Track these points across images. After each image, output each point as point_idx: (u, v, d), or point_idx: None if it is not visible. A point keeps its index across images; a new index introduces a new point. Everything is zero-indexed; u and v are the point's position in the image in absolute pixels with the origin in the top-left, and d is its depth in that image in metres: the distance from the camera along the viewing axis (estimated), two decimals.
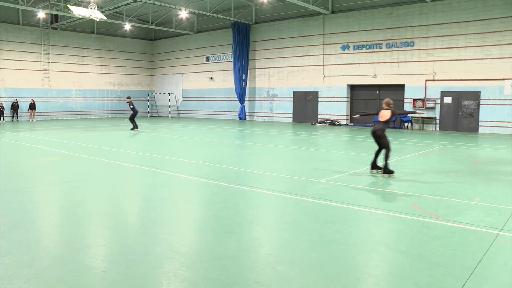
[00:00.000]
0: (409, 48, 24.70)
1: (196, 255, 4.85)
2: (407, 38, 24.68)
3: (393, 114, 9.74)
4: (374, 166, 9.97)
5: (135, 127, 23.04)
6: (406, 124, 24.91)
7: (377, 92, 26.81)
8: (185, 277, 4.26)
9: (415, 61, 24.52)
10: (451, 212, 6.62)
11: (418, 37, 24.31)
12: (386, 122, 9.69)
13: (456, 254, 4.91)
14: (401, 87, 25.33)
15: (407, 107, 24.78)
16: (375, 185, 8.64)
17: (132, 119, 23.08)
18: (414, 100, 24.47)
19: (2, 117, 31.40)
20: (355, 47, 26.81)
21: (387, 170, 9.55)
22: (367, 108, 27.32)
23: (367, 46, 26.28)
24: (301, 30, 29.53)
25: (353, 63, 26.98)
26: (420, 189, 8.22)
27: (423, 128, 24.37)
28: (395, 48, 25.20)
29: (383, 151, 9.78)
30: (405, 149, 14.95)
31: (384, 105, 9.89)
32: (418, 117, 24.27)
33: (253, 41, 32.65)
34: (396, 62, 25.23)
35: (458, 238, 5.45)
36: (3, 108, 31.46)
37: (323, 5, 27.58)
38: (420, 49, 24.29)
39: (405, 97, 24.98)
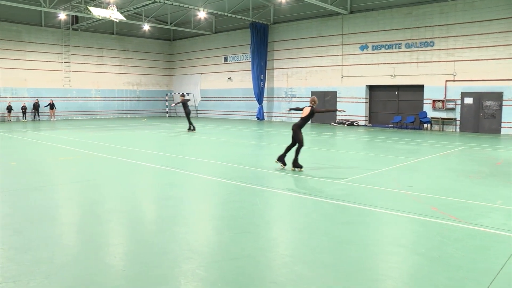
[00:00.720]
0: (429, 48, 24.39)
1: (214, 254, 4.87)
2: (427, 38, 24.37)
3: (312, 112, 10.23)
4: (280, 159, 10.55)
5: (191, 128, 22.09)
6: (425, 125, 24.60)
7: (396, 93, 26.55)
8: (202, 276, 4.28)
9: (435, 61, 24.20)
10: (472, 215, 6.51)
11: (438, 37, 23.98)
12: (305, 119, 10.31)
13: (477, 257, 4.81)
14: (420, 87, 25.03)
15: (426, 108, 24.49)
16: (393, 186, 8.55)
17: (188, 119, 22.24)
18: (434, 101, 24.15)
19: (24, 117, 32.12)
20: (374, 47, 26.59)
21: (296, 165, 10.25)
22: (385, 109, 27.08)
23: (386, 46, 26.04)
24: (320, 30, 29.41)
25: (372, 64, 26.77)
26: (439, 191, 8.10)
27: (442, 129, 24.03)
28: (414, 48, 24.91)
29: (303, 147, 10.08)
30: (423, 150, 14.76)
31: (309, 102, 10.46)
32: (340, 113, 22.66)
33: (271, 41, 32.64)
34: (416, 62, 24.94)
35: (479, 241, 5.34)
36: (26, 108, 32.19)
37: (341, 5, 27.43)
38: (440, 49, 23.96)
39: (424, 97, 24.67)
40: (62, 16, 31.12)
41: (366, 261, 4.69)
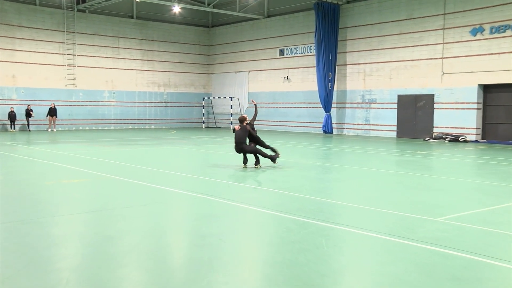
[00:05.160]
0: None
1: None
2: None
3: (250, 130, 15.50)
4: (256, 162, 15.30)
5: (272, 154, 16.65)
6: None
7: None
8: None
9: None
10: None
11: None
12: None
13: None
14: None
15: None
16: None
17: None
18: None
19: (13, 126, 32.94)
20: (494, 30, 25.94)
21: (273, 158, 15.22)
22: (508, 118, 26.23)
23: None
24: (411, 10, 29.15)
25: (489, 54, 26.11)
26: None
27: None
28: None
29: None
30: None
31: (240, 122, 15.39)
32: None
33: (343, 27, 32.68)
34: None
35: None
36: (15, 114, 32.69)
37: None
38: None
39: None
40: None
41: None
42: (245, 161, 15.48)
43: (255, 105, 16.56)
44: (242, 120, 15.55)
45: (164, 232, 8.00)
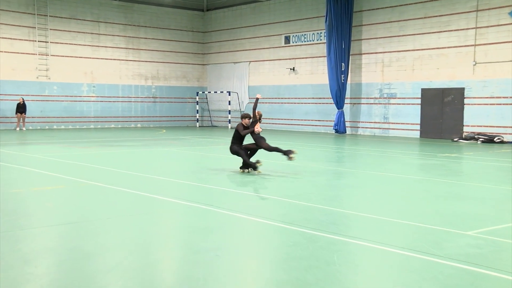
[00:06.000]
0: None
1: None
2: None
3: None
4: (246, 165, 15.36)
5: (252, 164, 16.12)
6: None
7: None
8: None
9: None
10: None
11: None
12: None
13: None
14: None
15: None
16: None
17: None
18: None
19: None
20: None
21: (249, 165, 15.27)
22: None
23: None
24: None
25: None
26: None
27: None
28: None
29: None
30: None
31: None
32: None
33: (358, 10, 32.70)
34: None
35: None
36: None
37: None
38: None
39: None
40: None
41: None
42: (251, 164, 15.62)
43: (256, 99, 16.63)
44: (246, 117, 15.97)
45: (152, 247, 7.99)
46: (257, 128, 15.61)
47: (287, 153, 15.21)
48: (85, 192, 12.37)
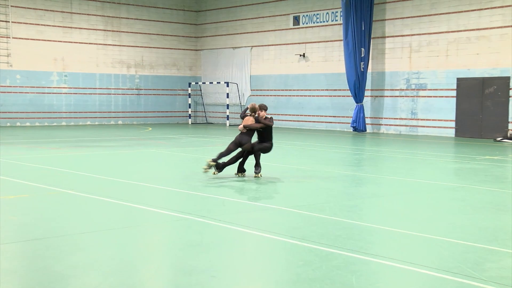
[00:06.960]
0: None
1: None
2: None
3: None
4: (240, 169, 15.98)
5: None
6: None
7: None
8: None
9: None
10: None
11: None
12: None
13: None
14: None
15: None
16: None
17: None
18: None
19: None
20: None
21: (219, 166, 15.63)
22: None
23: None
24: None
25: None
26: None
27: None
28: None
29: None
30: None
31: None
32: None
33: None
34: None
35: None
36: None
37: None
38: None
39: None
40: None
41: None
42: (255, 168, 15.77)
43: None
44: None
45: (136, 267, 7.97)
46: (241, 126, 15.64)
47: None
48: (54, 202, 12.34)
